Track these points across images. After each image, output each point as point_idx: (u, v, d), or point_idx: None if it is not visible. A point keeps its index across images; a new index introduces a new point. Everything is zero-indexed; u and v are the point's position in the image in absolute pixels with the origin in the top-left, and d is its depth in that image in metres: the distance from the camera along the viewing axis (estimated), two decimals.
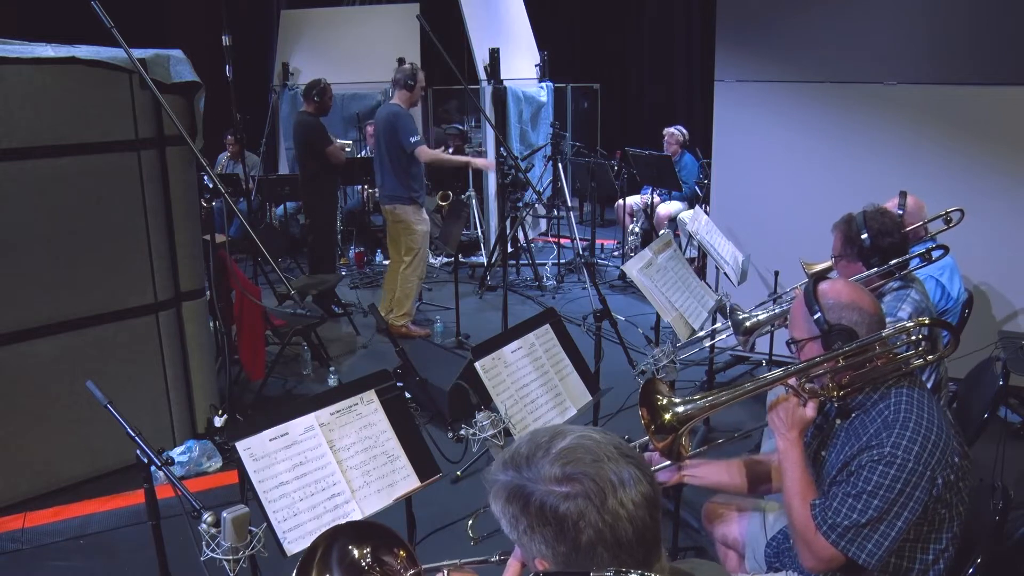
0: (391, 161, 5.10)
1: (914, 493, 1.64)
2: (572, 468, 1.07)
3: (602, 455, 1.08)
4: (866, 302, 1.86)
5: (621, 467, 1.08)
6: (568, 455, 1.09)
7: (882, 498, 1.64)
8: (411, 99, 5.18)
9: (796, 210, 4.51)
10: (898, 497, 1.64)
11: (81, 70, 3.22)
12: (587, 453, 1.09)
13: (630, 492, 1.06)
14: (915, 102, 4.12)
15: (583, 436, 1.12)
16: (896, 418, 1.71)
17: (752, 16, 4.49)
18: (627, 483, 1.06)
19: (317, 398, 1.95)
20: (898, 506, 1.64)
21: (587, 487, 1.05)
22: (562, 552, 1.07)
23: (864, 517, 1.65)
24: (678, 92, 9.91)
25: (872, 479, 1.66)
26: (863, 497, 1.66)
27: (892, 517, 1.64)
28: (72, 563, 3.01)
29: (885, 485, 1.64)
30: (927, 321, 1.88)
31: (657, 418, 1.84)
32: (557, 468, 1.08)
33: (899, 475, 1.64)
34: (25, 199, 3.17)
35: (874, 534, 1.65)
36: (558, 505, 1.06)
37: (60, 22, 4.82)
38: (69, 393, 3.35)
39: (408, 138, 5.02)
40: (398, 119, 5.05)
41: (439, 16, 7.70)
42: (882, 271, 2.67)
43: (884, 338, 1.80)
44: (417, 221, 5.20)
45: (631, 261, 3.08)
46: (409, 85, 5.11)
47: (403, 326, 5.31)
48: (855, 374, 1.81)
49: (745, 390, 1.85)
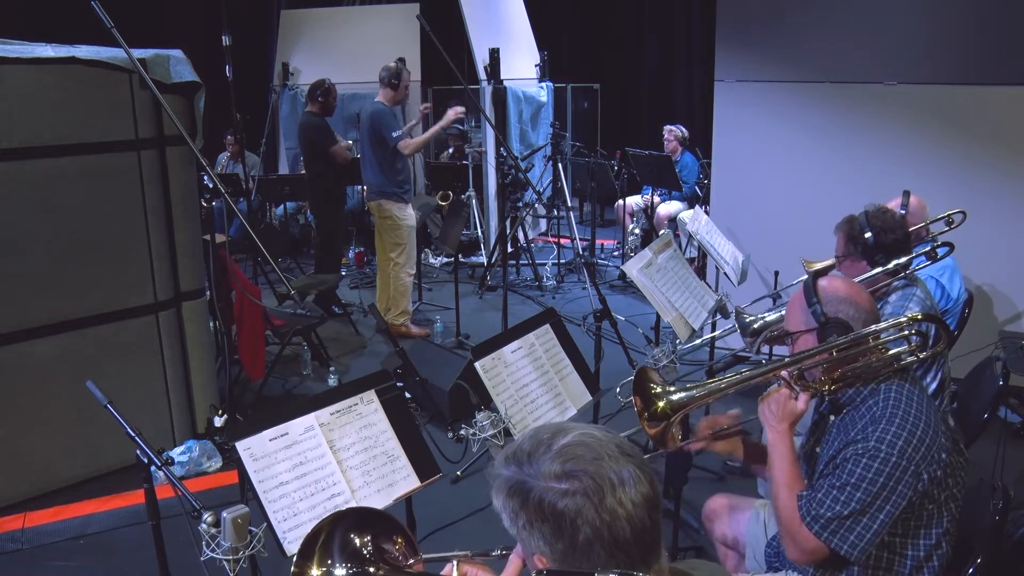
0: (375, 157, 5.17)
1: (897, 487, 1.66)
2: (572, 465, 1.07)
3: (603, 453, 1.08)
4: (863, 299, 1.89)
5: (621, 466, 1.08)
6: (569, 452, 1.09)
7: (864, 491, 1.67)
8: (395, 97, 5.24)
9: (796, 210, 4.51)
10: (880, 490, 1.66)
11: (81, 70, 3.22)
12: (588, 451, 1.09)
13: (629, 492, 1.06)
14: (915, 102, 4.11)
15: (585, 434, 1.12)
16: (883, 413, 1.74)
17: (752, 16, 4.49)
18: (627, 482, 1.06)
19: (317, 398, 1.95)
20: (880, 499, 1.66)
21: (586, 484, 1.05)
22: (559, 549, 1.07)
23: (847, 509, 1.68)
24: (678, 92, 9.91)
25: (856, 472, 1.69)
26: (846, 489, 1.68)
27: (874, 510, 1.67)
28: (72, 563, 3.01)
29: (868, 478, 1.67)
30: (920, 316, 1.90)
31: (650, 406, 1.87)
32: (557, 465, 1.08)
33: (882, 468, 1.67)
34: (25, 199, 3.17)
35: (856, 526, 1.68)
36: (556, 501, 1.06)
37: (60, 22, 4.82)
38: (69, 393, 3.35)
39: (390, 133, 5.09)
40: (379, 117, 5.12)
41: (439, 16, 7.70)
42: (887, 269, 2.66)
43: (877, 331, 1.83)
44: (403, 216, 5.25)
45: (631, 261, 3.08)
46: (393, 84, 5.18)
47: (402, 325, 5.31)
48: (847, 368, 1.83)
49: (737, 380, 1.88)
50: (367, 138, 5.20)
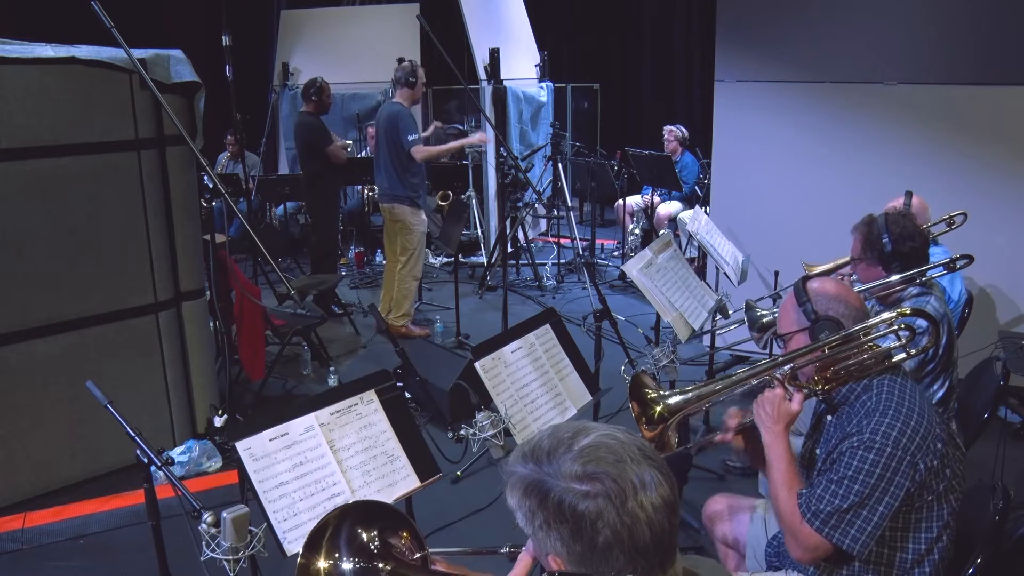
0: (391, 160, 5.09)
1: (894, 478, 1.67)
2: (594, 467, 1.06)
3: (625, 456, 1.07)
4: (852, 297, 1.93)
5: (643, 469, 1.07)
6: (591, 453, 1.07)
7: (862, 483, 1.68)
8: (413, 96, 5.16)
9: (796, 210, 4.51)
10: (878, 482, 1.67)
11: (81, 70, 3.22)
12: (610, 453, 1.07)
13: (651, 495, 1.05)
14: (915, 102, 4.11)
15: (606, 435, 1.10)
16: (877, 406, 1.76)
17: (752, 16, 4.49)
18: (648, 486, 1.05)
19: (317, 398, 1.95)
20: (879, 491, 1.67)
21: (608, 487, 1.04)
22: (577, 551, 1.06)
23: (846, 502, 1.68)
24: (678, 92, 9.91)
25: (852, 464, 1.70)
26: (844, 483, 1.70)
27: (873, 502, 1.68)
28: (72, 563, 3.01)
29: (864, 470, 1.68)
30: (908, 312, 1.92)
31: (648, 410, 1.90)
32: (578, 466, 1.06)
33: (878, 459, 1.68)
34: (25, 199, 3.17)
35: (856, 519, 1.68)
36: (577, 503, 1.04)
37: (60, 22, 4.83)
38: (69, 393, 3.36)
39: (407, 136, 5.00)
40: (399, 118, 5.03)
41: (439, 16, 7.71)
42: (903, 278, 2.62)
43: (868, 328, 1.85)
44: (415, 222, 5.20)
45: (631, 261, 3.08)
46: (410, 83, 5.08)
47: (403, 326, 5.30)
48: (840, 366, 1.85)
49: (732, 381, 1.90)
50: (384, 139, 5.12)
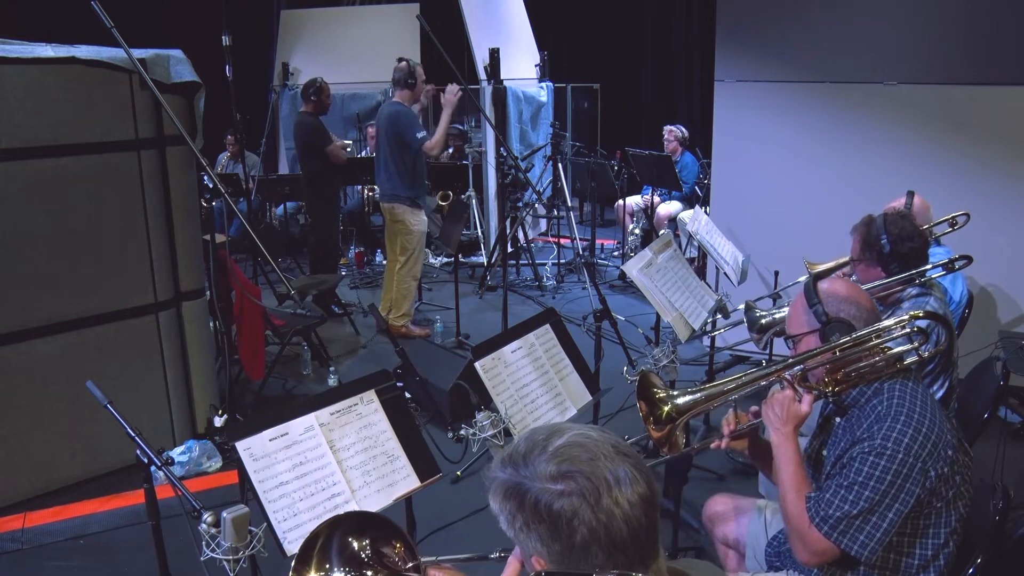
0: (392, 160, 5.07)
1: (905, 484, 1.66)
2: (568, 466, 1.07)
3: (599, 453, 1.08)
4: (863, 298, 1.91)
5: (617, 466, 1.07)
6: (564, 453, 1.09)
7: (873, 489, 1.66)
8: (413, 96, 5.11)
9: (796, 210, 4.51)
10: (889, 488, 1.66)
11: (81, 70, 3.21)
12: (583, 451, 1.08)
13: (626, 491, 1.06)
14: (915, 102, 4.11)
15: (580, 434, 1.12)
16: (888, 411, 1.74)
17: (752, 16, 4.49)
18: (623, 482, 1.06)
19: (317, 398, 1.95)
20: (889, 497, 1.66)
21: (582, 485, 1.05)
22: (557, 550, 1.07)
23: (856, 508, 1.67)
24: (678, 92, 9.91)
25: (863, 470, 1.68)
26: (854, 488, 1.68)
27: (883, 508, 1.66)
28: (72, 563, 3.01)
29: (876, 476, 1.67)
30: (921, 314, 1.91)
31: (655, 410, 1.89)
32: (553, 466, 1.08)
33: (889, 466, 1.66)
34: (25, 199, 3.17)
35: (866, 525, 1.67)
36: (552, 502, 1.06)
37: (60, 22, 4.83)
38: (69, 393, 3.35)
39: (414, 135, 4.96)
40: (401, 117, 5.00)
41: (439, 16, 7.71)
42: (902, 278, 2.62)
43: (880, 330, 1.83)
44: (415, 222, 5.18)
45: (631, 261, 3.08)
46: (409, 84, 5.04)
47: (403, 326, 5.30)
48: (850, 368, 1.83)
49: (742, 382, 1.89)
50: (385, 140, 5.08)
